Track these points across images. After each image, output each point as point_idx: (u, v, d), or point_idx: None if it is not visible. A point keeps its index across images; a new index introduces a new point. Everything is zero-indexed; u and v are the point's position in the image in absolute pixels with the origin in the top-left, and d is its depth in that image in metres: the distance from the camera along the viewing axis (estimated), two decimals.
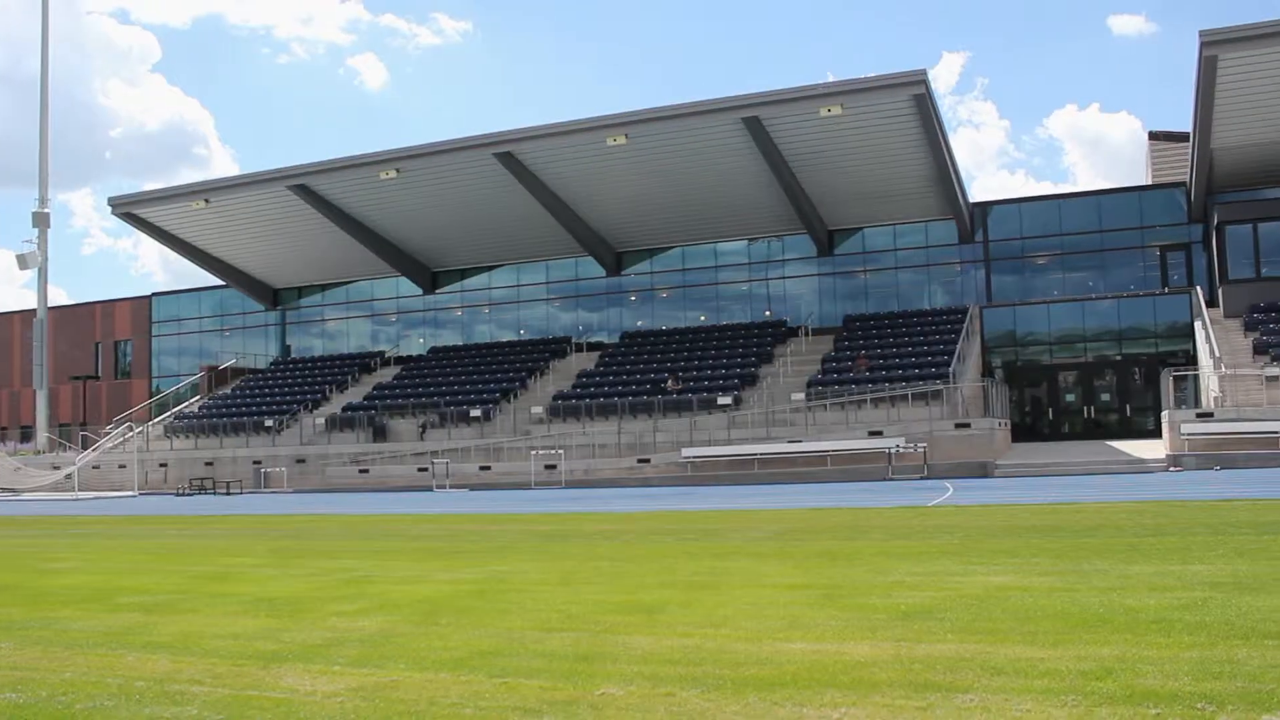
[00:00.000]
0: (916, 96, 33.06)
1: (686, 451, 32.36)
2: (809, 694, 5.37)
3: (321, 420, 41.71)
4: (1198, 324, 34.73)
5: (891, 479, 28.83)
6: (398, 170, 39.62)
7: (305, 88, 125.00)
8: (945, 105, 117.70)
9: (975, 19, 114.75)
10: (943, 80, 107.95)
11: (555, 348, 45.23)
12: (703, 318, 44.84)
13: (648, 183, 39.81)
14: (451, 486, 33.92)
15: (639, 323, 45.81)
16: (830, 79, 43.24)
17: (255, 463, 39.88)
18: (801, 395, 34.08)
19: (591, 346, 45.30)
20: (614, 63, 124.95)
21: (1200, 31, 30.00)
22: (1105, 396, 37.89)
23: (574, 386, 39.97)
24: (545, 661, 6.40)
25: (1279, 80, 31.60)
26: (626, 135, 36.02)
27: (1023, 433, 36.80)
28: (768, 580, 9.64)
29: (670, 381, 37.79)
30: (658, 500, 23.71)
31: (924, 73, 32.74)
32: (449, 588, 9.84)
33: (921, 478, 28.76)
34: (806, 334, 41.26)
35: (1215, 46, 30.02)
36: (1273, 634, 6.29)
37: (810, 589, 8.93)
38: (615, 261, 45.82)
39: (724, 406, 34.91)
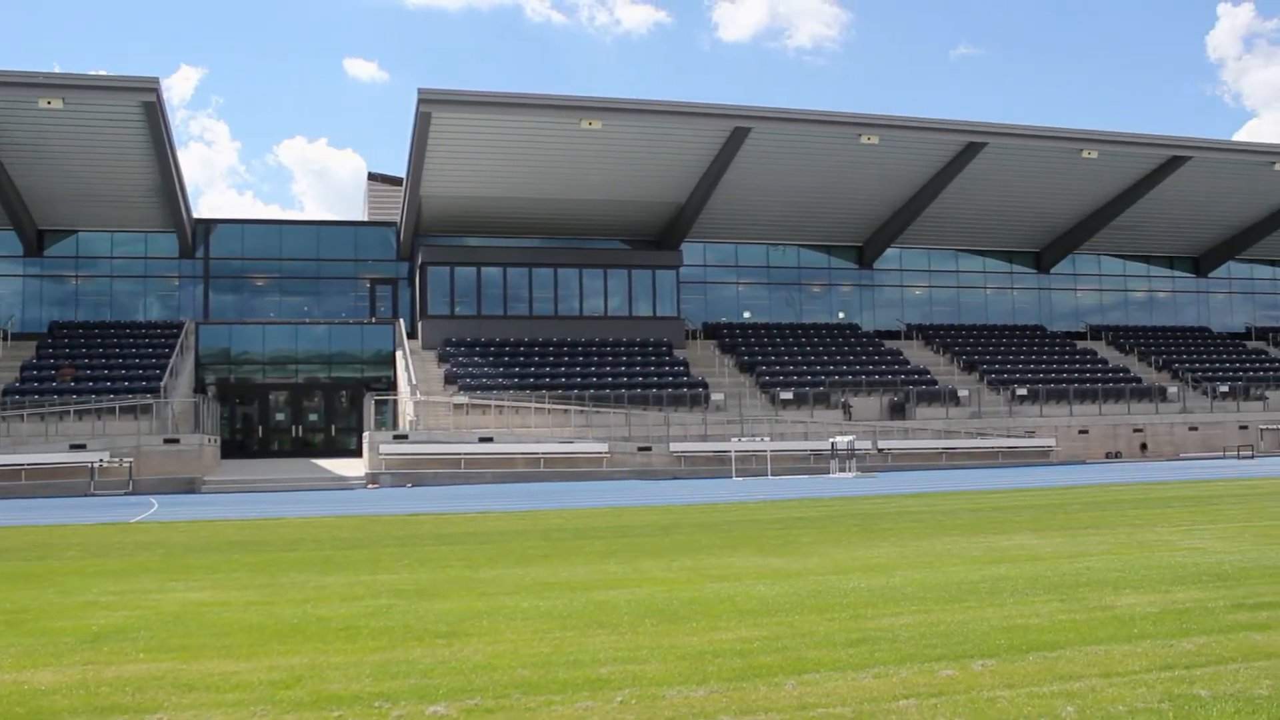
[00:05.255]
0: (146, 104, 32.03)
1: None
2: None
3: None
4: (399, 353, 37.77)
5: (94, 494, 27.33)
6: None
7: None
8: (178, 118, 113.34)
9: (217, 35, 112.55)
10: (177, 92, 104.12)
11: None
12: None
13: None
14: None
15: None
16: (57, 70, 39.71)
17: None
18: None
19: None
20: None
21: (419, 89, 32.94)
22: (314, 416, 39.41)
23: None
24: None
25: (481, 142, 35.80)
26: None
27: (234, 449, 36.81)
28: None
29: None
30: None
31: (156, 81, 31.87)
32: None
33: (126, 493, 27.61)
34: (6, 339, 37.70)
35: (431, 104, 33.09)
36: (443, 634, 7.15)
37: None
38: None
39: None
